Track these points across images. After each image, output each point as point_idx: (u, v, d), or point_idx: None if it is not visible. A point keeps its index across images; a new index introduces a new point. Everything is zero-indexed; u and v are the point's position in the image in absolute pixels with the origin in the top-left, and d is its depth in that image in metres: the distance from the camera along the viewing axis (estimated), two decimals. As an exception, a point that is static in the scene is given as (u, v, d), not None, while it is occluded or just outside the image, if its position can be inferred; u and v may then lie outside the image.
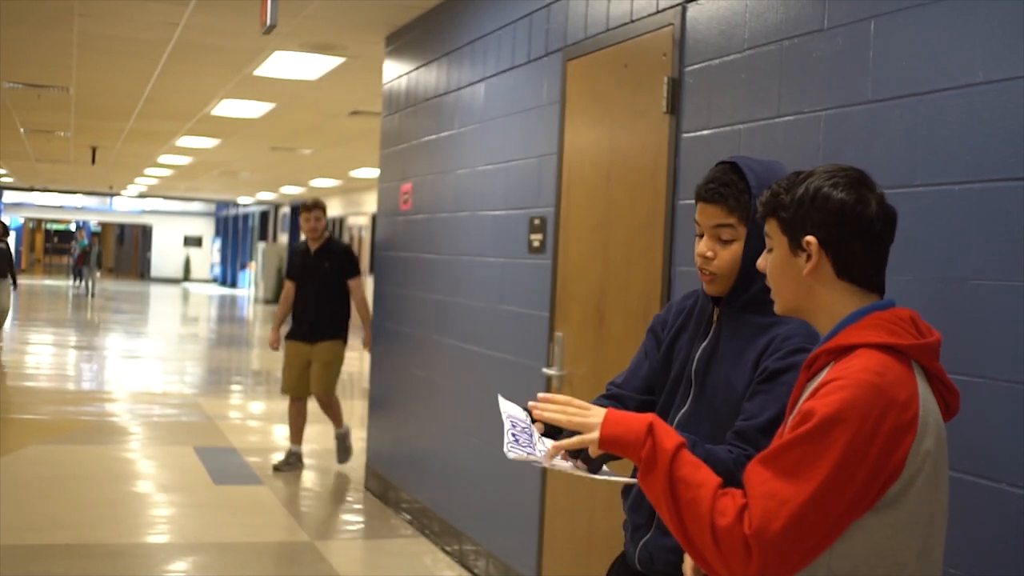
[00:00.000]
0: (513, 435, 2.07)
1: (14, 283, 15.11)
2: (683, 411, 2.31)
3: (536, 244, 4.95)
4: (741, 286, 2.26)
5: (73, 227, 52.63)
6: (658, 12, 3.98)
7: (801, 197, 1.77)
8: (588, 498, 4.41)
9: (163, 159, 19.29)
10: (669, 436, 1.74)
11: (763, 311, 2.21)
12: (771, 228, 1.81)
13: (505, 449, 2.00)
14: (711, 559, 1.62)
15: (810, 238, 1.74)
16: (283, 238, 31.66)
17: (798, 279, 1.77)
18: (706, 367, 2.30)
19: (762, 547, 1.56)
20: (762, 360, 2.19)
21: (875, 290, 1.76)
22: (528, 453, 2.04)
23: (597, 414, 1.82)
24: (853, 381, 1.59)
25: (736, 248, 2.25)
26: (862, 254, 1.73)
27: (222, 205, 39.61)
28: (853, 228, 1.72)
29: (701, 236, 2.32)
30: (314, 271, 7.76)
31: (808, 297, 1.78)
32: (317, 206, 7.70)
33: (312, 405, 7.97)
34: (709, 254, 2.28)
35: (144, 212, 41.69)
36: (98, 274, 26.86)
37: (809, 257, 1.75)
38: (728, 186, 2.26)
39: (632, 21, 4.18)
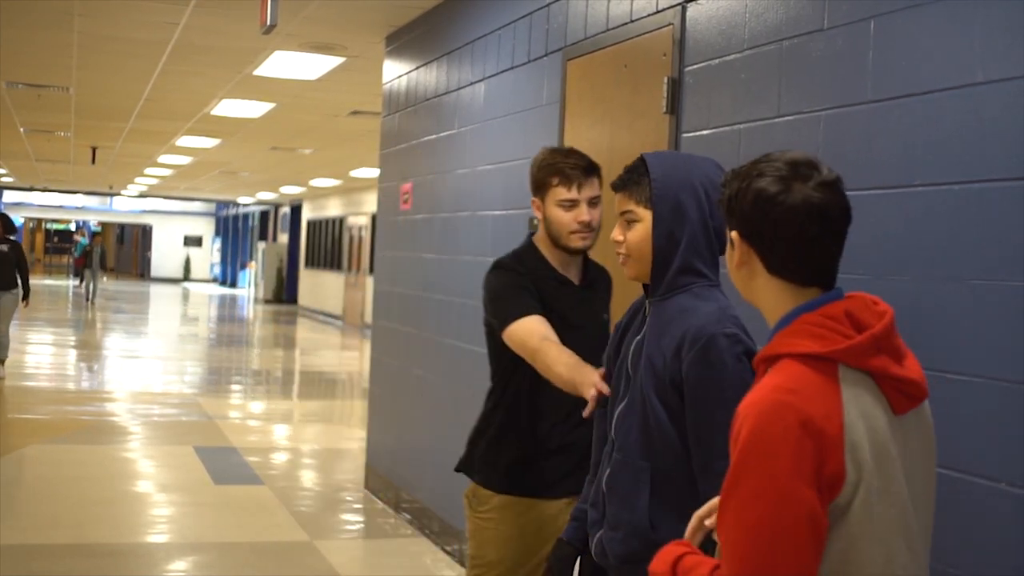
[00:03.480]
0: None
1: (25, 294, 11.92)
2: (621, 405, 2.38)
3: (536, 244, 4.95)
4: (658, 271, 2.36)
5: (73, 227, 52.62)
6: (658, 12, 3.98)
7: (733, 190, 1.69)
8: (588, 498, 4.40)
9: (163, 159, 19.29)
10: (667, 557, 1.72)
11: (688, 292, 2.32)
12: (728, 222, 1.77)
13: None
14: None
15: (733, 233, 1.69)
16: (283, 238, 31.67)
17: (734, 272, 1.73)
18: (637, 358, 2.36)
19: None
20: (682, 354, 2.24)
21: (813, 285, 1.66)
22: None
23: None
24: (756, 408, 1.54)
25: (640, 229, 2.38)
26: (789, 248, 1.63)
27: (222, 205, 39.60)
28: (774, 221, 1.62)
29: None
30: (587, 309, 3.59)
31: (749, 291, 1.74)
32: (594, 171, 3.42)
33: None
34: (619, 238, 2.46)
35: (144, 212, 41.69)
36: (103, 278, 26.00)
37: (735, 250, 1.70)
38: (631, 173, 2.40)
39: (632, 21, 4.18)
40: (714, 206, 2.25)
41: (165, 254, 42.70)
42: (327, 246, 26.79)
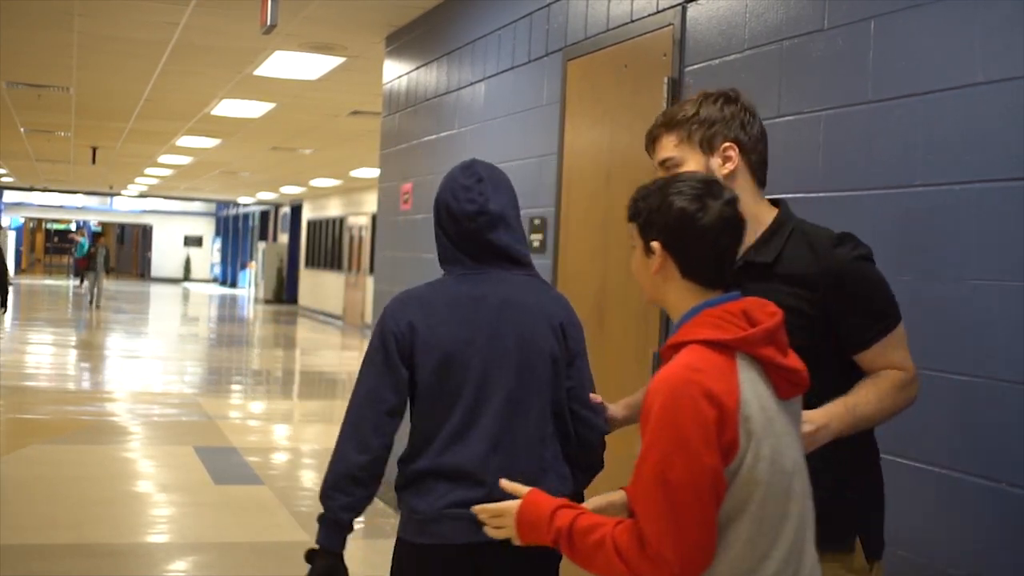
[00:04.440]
0: None
1: (3, 301, 12.26)
2: None
3: (536, 244, 4.95)
4: None
5: (73, 227, 52.62)
6: (658, 12, 3.98)
7: (652, 205, 1.95)
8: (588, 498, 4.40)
9: (163, 159, 19.30)
10: (565, 515, 1.93)
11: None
12: (632, 231, 2.00)
13: None
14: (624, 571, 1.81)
15: (655, 243, 1.92)
16: (283, 238, 31.68)
17: (651, 277, 1.97)
18: None
19: (662, 562, 1.75)
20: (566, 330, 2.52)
21: (717, 287, 1.93)
22: None
23: (511, 518, 2.02)
24: (668, 383, 1.79)
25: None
26: (702, 256, 1.91)
27: (222, 205, 39.61)
28: (693, 234, 1.89)
29: None
30: None
31: (660, 292, 1.98)
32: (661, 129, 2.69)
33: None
34: None
35: (144, 212, 41.70)
36: (105, 282, 25.71)
37: (655, 258, 1.95)
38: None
39: (632, 21, 4.18)
40: None
41: (165, 254, 42.71)
42: (327, 246, 26.80)
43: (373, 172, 17.58)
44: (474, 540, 2.31)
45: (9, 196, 38.25)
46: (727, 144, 2.24)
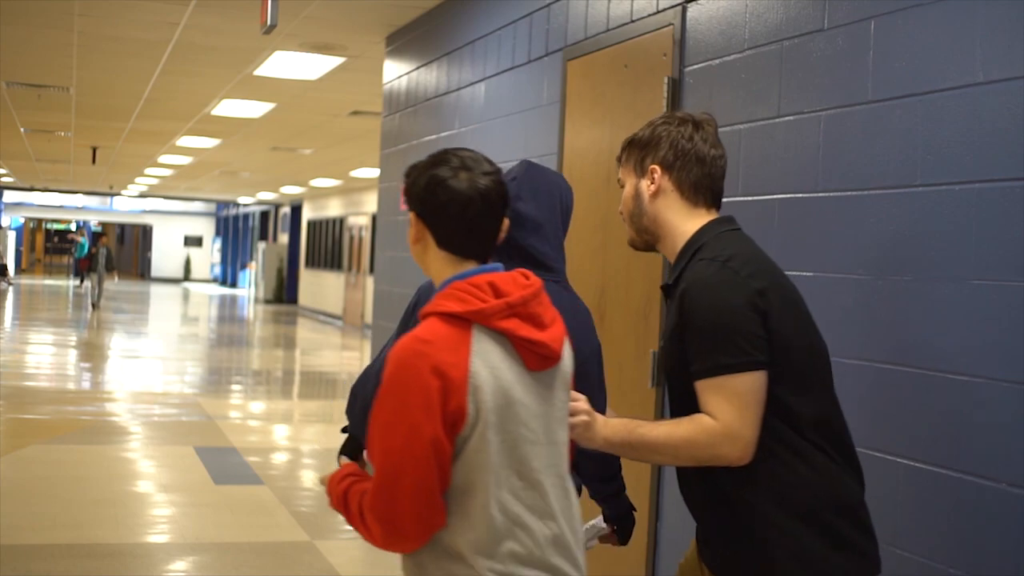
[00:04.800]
0: None
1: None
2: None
3: (536, 244, 4.95)
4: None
5: (73, 227, 52.60)
6: (658, 12, 3.98)
7: (412, 177, 2.00)
8: (588, 497, 4.40)
9: (163, 159, 19.30)
10: (346, 481, 2.01)
11: None
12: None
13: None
14: (366, 537, 1.91)
15: (412, 213, 1.99)
16: (283, 238, 31.67)
17: (413, 246, 2.03)
18: None
19: (378, 520, 1.85)
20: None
21: (471, 258, 1.96)
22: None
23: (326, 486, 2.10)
24: (397, 355, 1.86)
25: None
26: (452, 227, 1.94)
27: (222, 205, 39.61)
28: (440, 204, 1.93)
29: None
30: None
31: (423, 263, 2.03)
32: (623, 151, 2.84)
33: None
34: None
35: (144, 212, 41.70)
36: (108, 281, 25.54)
37: (412, 228, 2.02)
38: None
39: (632, 21, 4.18)
40: None
41: (165, 254, 42.70)
42: (327, 246, 26.79)
43: (373, 172, 17.59)
44: None
45: (9, 196, 38.24)
46: (653, 166, 2.25)
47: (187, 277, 42.24)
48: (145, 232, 45.45)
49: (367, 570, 5.65)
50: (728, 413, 2.05)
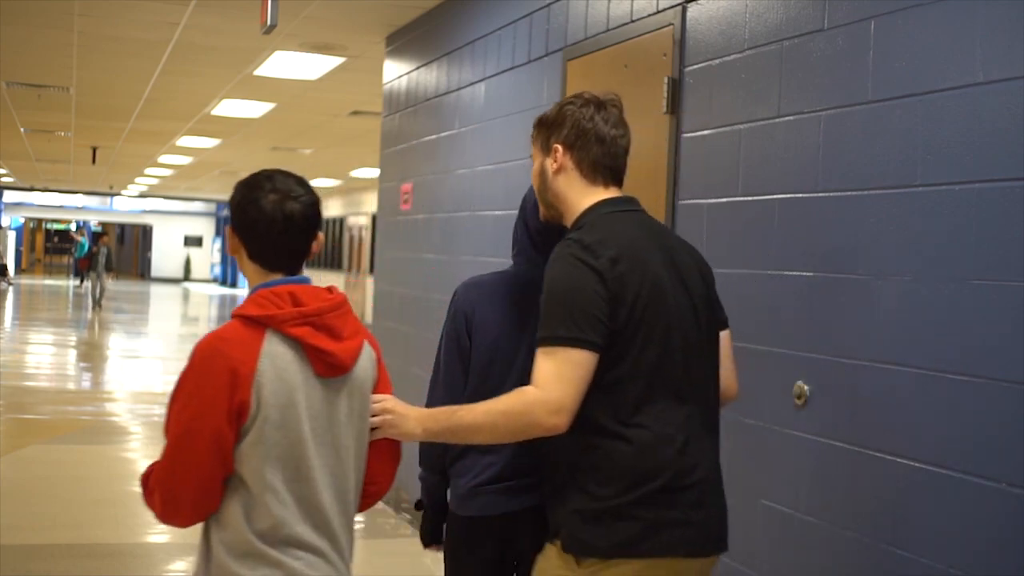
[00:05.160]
0: None
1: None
2: None
3: (536, 244, 4.95)
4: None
5: (73, 227, 52.58)
6: (658, 12, 3.98)
7: (233, 197, 2.24)
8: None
9: (163, 159, 19.30)
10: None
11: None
12: None
13: None
14: (149, 505, 2.15)
15: (228, 227, 2.23)
16: (283, 238, 31.64)
17: (236, 258, 2.26)
18: None
19: (160, 496, 2.09)
20: None
21: (278, 271, 2.20)
22: None
23: None
24: (197, 349, 2.10)
25: None
26: (256, 243, 2.19)
27: (222, 205, 39.57)
28: (245, 221, 2.18)
29: None
30: None
31: (241, 270, 2.27)
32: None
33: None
34: None
35: (144, 212, 41.68)
36: (108, 281, 25.50)
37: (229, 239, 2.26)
38: None
39: (632, 21, 4.17)
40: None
41: (165, 254, 42.69)
42: (327, 246, 26.80)
43: (373, 172, 17.58)
44: (509, 510, 2.57)
45: (9, 196, 38.22)
46: (556, 144, 2.37)
47: (187, 277, 42.22)
48: (145, 232, 45.44)
49: (367, 570, 5.65)
50: (550, 381, 2.13)
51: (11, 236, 37.63)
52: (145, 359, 15.12)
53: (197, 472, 2.04)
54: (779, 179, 3.29)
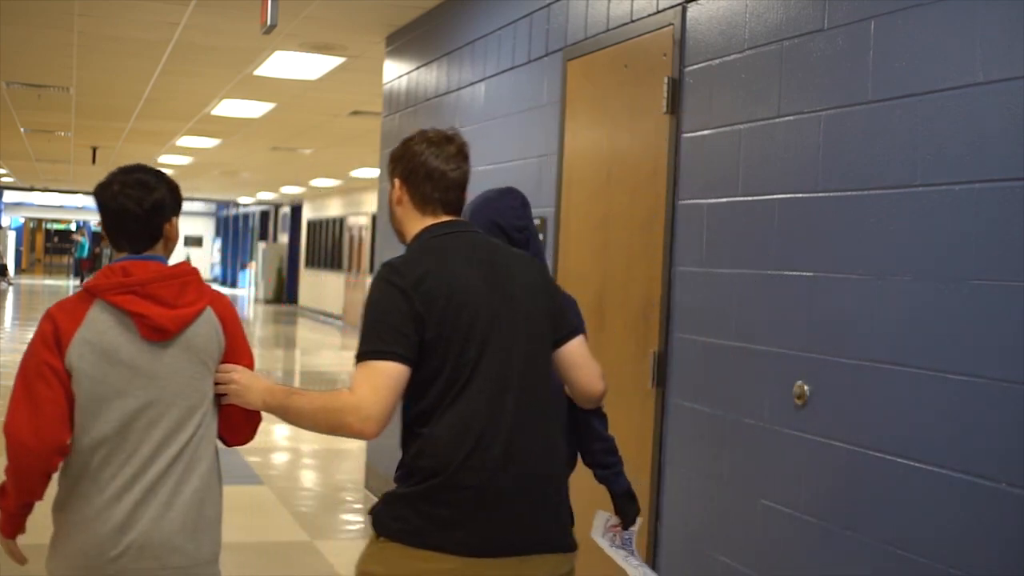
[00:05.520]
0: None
1: None
2: None
3: (536, 244, 4.95)
4: None
5: (73, 227, 52.55)
6: (658, 12, 3.98)
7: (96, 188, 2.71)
8: (588, 497, 4.40)
9: (163, 159, 19.30)
10: None
11: None
12: None
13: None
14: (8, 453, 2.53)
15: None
16: (283, 238, 31.67)
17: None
18: None
19: (6, 433, 2.45)
20: None
21: (124, 251, 2.62)
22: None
23: None
24: (46, 313, 2.56)
25: None
26: (107, 228, 2.64)
27: (222, 205, 39.59)
28: (102, 209, 2.64)
29: None
30: None
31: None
32: None
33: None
34: None
35: (144, 212, 41.59)
36: None
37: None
38: None
39: (632, 21, 4.18)
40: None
41: (165, 254, 42.62)
42: (327, 246, 26.79)
43: (373, 172, 17.58)
44: None
45: (9, 196, 38.21)
46: (395, 179, 2.62)
47: (187, 277, 42.14)
48: (145, 232, 45.29)
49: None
50: (362, 389, 2.34)
51: (11, 236, 37.60)
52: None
53: (26, 407, 2.49)
54: (779, 179, 3.29)
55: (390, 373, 2.33)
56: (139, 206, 2.60)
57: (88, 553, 2.54)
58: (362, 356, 2.37)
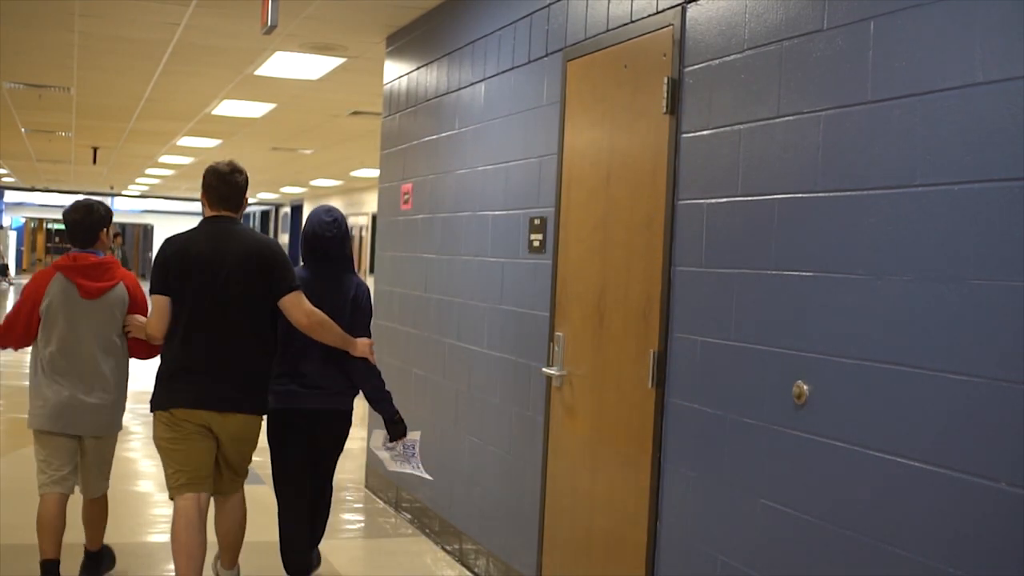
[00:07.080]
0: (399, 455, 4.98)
1: None
2: None
3: (536, 244, 4.96)
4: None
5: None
6: (658, 12, 3.99)
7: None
8: (588, 498, 4.41)
9: (164, 159, 19.30)
10: None
11: None
12: None
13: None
14: None
15: None
16: (284, 238, 31.65)
17: None
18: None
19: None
20: None
21: (78, 246, 4.79)
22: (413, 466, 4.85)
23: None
24: (33, 275, 4.81)
25: None
26: (68, 232, 4.83)
27: (223, 205, 39.52)
28: (63, 220, 4.88)
29: None
30: None
31: None
32: None
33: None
34: None
35: (145, 212, 41.66)
36: None
37: None
38: None
39: (632, 21, 4.18)
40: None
41: (166, 254, 42.60)
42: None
43: (373, 172, 17.58)
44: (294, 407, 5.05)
45: (10, 196, 38.21)
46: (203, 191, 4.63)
47: (187, 277, 42.14)
48: (146, 232, 45.42)
49: (367, 570, 5.65)
50: (152, 314, 4.54)
51: (12, 236, 37.59)
52: (146, 359, 15.10)
53: (13, 321, 4.75)
54: (779, 179, 3.29)
55: (160, 304, 4.43)
56: (83, 223, 4.79)
57: (48, 413, 4.92)
58: (149, 291, 4.46)
